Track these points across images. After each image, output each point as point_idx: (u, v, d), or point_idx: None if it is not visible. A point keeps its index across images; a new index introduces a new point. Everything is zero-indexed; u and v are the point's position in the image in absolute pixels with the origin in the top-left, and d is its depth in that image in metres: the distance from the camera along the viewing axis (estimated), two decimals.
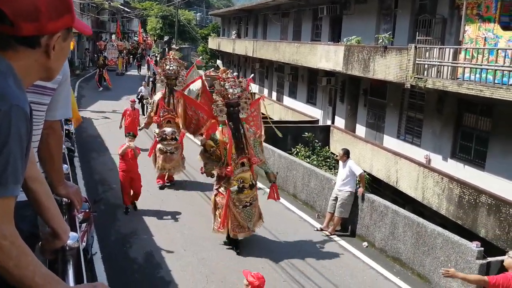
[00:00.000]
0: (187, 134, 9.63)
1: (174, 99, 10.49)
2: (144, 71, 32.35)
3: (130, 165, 9.00)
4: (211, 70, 31.41)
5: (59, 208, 1.82)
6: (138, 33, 50.08)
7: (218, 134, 7.49)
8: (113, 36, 40.68)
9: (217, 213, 7.66)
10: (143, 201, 9.43)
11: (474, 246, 6.65)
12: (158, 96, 10.95)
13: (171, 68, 10.68)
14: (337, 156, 9.70)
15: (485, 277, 4.93)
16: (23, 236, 1.50)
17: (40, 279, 1.09)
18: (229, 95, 7.46)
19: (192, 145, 12.01)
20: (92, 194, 9.67)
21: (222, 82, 7.50)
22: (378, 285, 7.21)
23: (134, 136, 9.47)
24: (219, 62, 8.31)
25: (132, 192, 9.14)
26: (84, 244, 6.11)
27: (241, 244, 7.79)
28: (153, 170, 10.66)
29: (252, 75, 10.90)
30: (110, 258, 7.28)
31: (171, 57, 11.14)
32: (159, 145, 10.35)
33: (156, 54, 34.77)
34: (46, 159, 1.85)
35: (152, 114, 10.84)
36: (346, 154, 8.87)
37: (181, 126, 8.43)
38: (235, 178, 7.36)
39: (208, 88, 8.28)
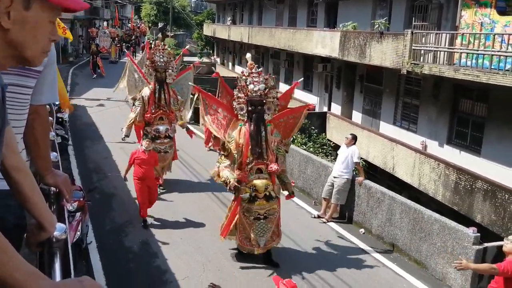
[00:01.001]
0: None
1: (165, 93, 9.64)
2: (139, 57, 32.02)
3: (147, 172, 7.99)
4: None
5: (47, 198, 1.74)
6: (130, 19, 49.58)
7: (235, 134, 6.76)
8: (105, 23, 40.13)
9: (223, 216, 7.15)
10: None
11: (471, 232, 6.65)
12: (146, 91, 9.71)
13: (162, 60, 9.62)
14: (342, 140, 9.41)
15: (494, 265, 4.92)
16: (7, 227, 1.40)
17: (20, 275, 0.99)
18: (249, 92, 6.69)
19: (189, 140, 11.33)
20: (87, 182, 9.56)
21: (244, 77, 6.82)
22: (375, 271, 7.21)
23: (152, 138, 8.67)
24: (248, 55, 7.43)
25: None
26: (78, 233, 6.05)
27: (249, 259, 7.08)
28: None
29: (302, 78, 9.64)
30: (105, 247, 7.22)
31: (160, 48, 9.99)
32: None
33: (151, 41, 34.38)
34: (32, 145, 1.76)
35: (136, 115, 9.56)
36: (355, 139, 8.91)
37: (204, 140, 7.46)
38: (247, 184, 6.74)
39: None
